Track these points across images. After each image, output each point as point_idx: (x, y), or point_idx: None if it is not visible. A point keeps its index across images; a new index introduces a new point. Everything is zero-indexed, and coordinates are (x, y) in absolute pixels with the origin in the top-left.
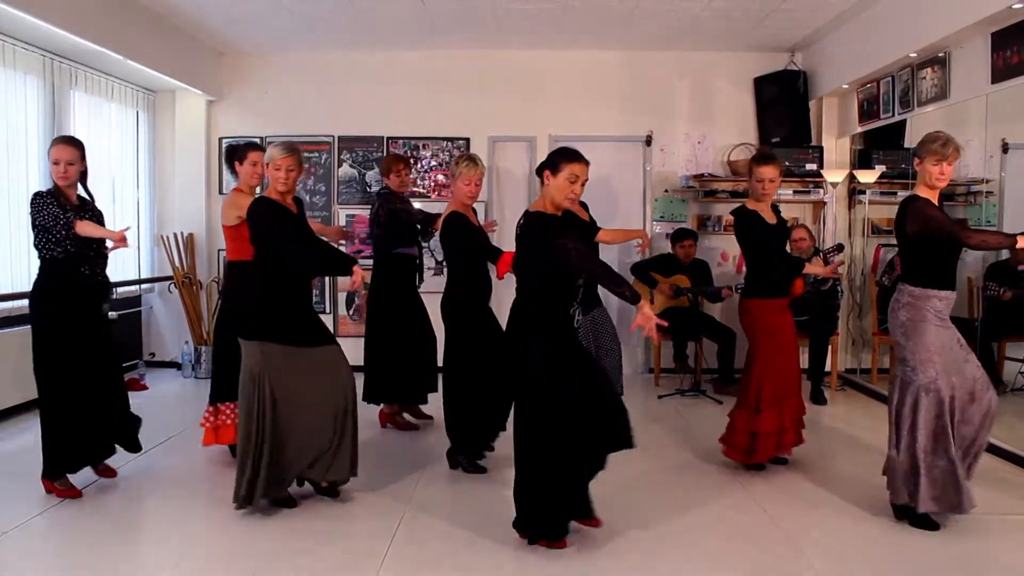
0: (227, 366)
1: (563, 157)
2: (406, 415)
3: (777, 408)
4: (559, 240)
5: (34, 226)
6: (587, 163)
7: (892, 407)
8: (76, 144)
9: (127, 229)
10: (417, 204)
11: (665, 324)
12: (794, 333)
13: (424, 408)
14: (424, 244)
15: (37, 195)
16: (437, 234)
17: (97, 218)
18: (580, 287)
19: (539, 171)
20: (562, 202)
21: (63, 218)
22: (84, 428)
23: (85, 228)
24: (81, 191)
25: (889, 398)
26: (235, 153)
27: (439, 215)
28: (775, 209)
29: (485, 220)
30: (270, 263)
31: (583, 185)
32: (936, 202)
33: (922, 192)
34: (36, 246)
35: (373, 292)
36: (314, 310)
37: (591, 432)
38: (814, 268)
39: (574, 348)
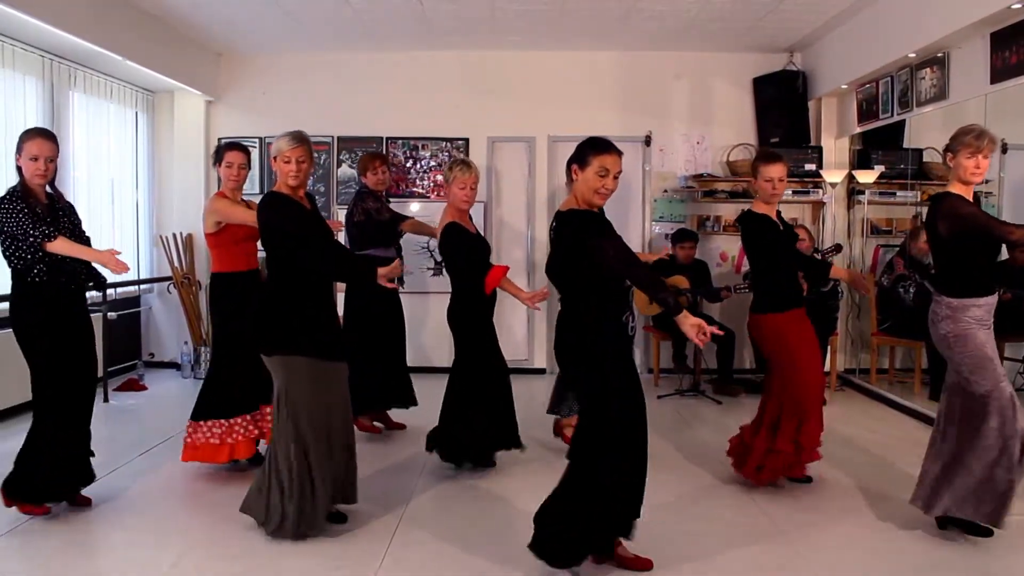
0: (215, 384)
1: (592, 148)
2: (375, 421)
3: (795, 426)
4: (595, 240)
5: (0, 232)
6: (619, 154)
7: (941, 412)
8: (53, 138)
9: (119, 254)
10: (415, 205)
11: (720, 333)
12: (815, 344)
13: (409, 414)
14: (425, 248)
15: (4, 199)
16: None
17: (69, 216)
18: (630, 289)
19: (567, 165)
20: (592, 199)
21: (33, 234)
22: (61, 457)
23: (59, 247)
24: (48, 188)
25: (940, 404)
26: (216, 155)
27: (409, 218)
28: (778, 214)
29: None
30: (285, 264)
31: (616, 179)
32: (970, 199)
33: (955, 189)
34: (3, 254)
35: (349, 295)
36: (338, 317)
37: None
38: (839, 272)
39: (631, 370)
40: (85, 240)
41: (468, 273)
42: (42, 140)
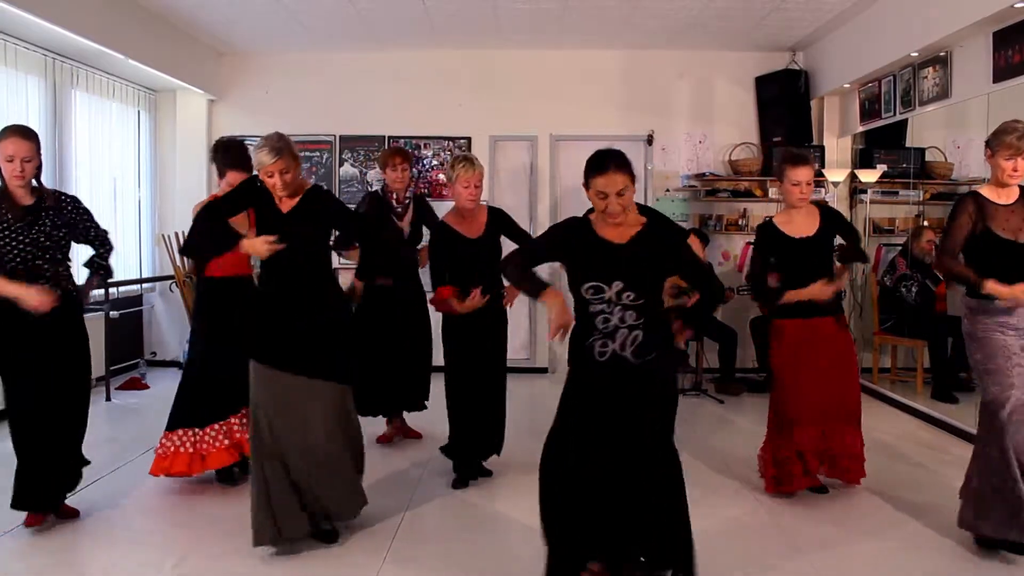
0: (189, 388)
1: (589, 168)
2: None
3: (796, 431)
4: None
5: None
6: (619, 168)
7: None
8: (32, 136)
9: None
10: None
11: (566, 328)
12: (831, 355)
13: (426, 422)
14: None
15: None
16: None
17: (56, 216)
18: (602, 313)
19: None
20: (604, 219)
21: None
22: (43, 461)
23: None
24: (35, 184)
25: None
26: (220, 157)
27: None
28: (826, 212)
29: None
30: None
31: (620, 196)
32: (1011, 199)
33: (986, 188)
34: None
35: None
36: (306, 326)
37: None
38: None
39: (573, 410)
40: (94, 236)
41: (435, 276)
42: (17, 139)
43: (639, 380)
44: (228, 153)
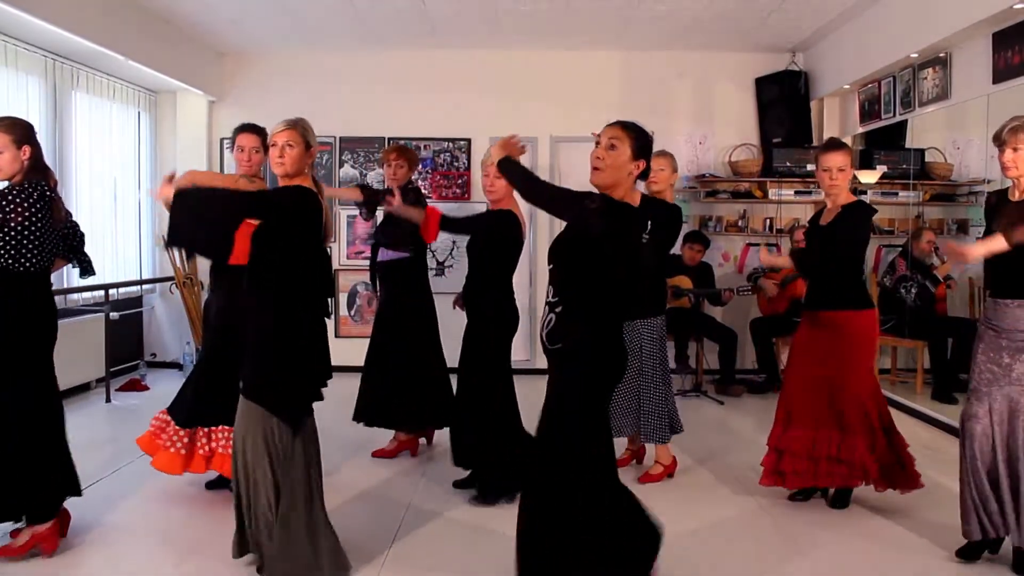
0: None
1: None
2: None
3: (786, 427)
4: None
5: None
6: (609, 126)
7: None
8: (7, 127)
9: None
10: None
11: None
12: (816, 353)
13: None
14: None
15: None
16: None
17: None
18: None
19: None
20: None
21: None
22: None
23: None
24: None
25: None
26: (232, 140)
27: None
28: (848, 208)
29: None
30: None
31: (598, 146)
32: (1016, 195)
33: (1011, 186)
34: None
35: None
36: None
37: None
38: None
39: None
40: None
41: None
42: None
43: (553, 365)
44: (236, 128)
